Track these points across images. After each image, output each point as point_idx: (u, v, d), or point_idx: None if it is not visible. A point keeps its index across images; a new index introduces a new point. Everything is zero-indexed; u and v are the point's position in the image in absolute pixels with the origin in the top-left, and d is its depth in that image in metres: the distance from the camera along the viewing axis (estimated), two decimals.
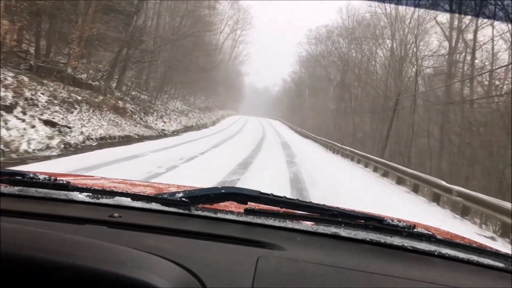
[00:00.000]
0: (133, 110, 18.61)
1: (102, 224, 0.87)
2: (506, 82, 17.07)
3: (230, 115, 62.39)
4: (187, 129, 24.81)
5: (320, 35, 48.55)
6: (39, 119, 9.85)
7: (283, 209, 1.03)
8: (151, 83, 26.60)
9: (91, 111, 13.40)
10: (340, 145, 23.92)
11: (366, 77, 31.48)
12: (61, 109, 11.44)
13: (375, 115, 28.78)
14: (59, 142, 9.73)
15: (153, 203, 1.02)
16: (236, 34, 71.83)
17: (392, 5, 25.71)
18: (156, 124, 20.17)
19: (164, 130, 20.00)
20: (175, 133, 21.10)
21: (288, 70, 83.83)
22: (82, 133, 11.28)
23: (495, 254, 1.00)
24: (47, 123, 10.01)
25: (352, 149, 20.79)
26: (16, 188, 1.02)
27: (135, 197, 1.04)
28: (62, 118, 10.95)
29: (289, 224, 1.01)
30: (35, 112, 9.99)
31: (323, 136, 32.89)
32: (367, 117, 30.92)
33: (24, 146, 8.32)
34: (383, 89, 27.26)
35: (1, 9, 10.83)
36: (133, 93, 23.34)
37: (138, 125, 17.41)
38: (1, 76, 9.69)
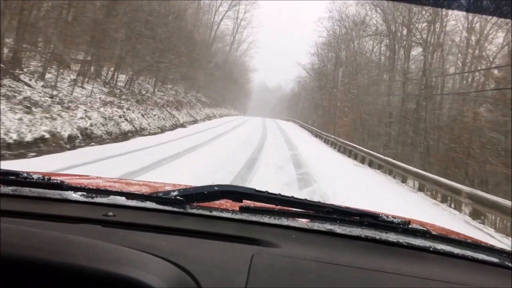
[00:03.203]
0: None
1: (96, 223, 0.87)
2: None
3: (224, 115, 45.64)
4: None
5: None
6: None
7: (279, 207, 1.04)
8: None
9: None
10: None
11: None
12: None
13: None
14: None
15: (148, 202, 1.02)
16: (238, 13, 55.91)
17: None
18: None
19: None
20: None
21: (305, 62, 66.84)
22: None
23: (490, 250, 1.01)
24: None
25: None
26: (10, 188, 1.01)
27: (129, 196, 1.04)
28: None
29: (284, 221, 1.01)
30: None
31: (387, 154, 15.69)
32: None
33: None
34: None
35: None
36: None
37: None
38: None
